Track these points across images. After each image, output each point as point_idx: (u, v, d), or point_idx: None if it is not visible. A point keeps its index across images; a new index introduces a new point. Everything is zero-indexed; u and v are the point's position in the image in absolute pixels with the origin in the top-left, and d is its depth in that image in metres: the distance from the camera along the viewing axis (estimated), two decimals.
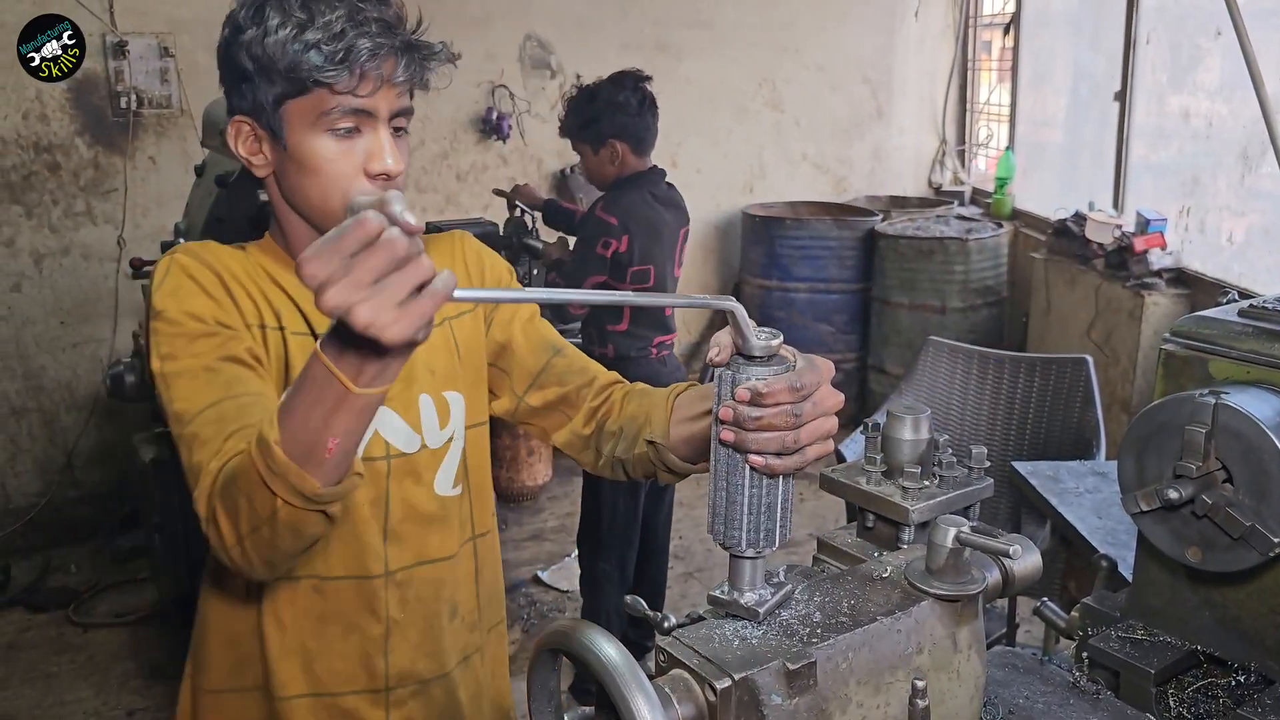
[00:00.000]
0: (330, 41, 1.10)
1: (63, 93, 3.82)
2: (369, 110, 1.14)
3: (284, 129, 1.15)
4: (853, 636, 0.82)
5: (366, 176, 1.16)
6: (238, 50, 1.14)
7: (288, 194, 1.21)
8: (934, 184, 5.85)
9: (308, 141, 1.15)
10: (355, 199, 0.76)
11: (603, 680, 0.72)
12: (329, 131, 1.14)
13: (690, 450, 1.21)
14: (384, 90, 1.14)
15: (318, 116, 1.13)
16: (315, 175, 1.16)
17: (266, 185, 1.24)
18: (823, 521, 4.01)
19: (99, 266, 3.99)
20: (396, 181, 1.18)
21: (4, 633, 3.47)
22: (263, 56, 1.11)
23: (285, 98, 1.13)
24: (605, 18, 4.89)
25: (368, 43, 1.11)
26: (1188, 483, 1.01)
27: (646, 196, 3.00)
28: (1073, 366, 2.98)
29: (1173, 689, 1.11)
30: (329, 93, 1.12)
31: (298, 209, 1.21)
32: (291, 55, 1.10)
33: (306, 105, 1.13)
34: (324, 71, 1.10)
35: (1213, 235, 4.00)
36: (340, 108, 1.13)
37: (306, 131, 1.14)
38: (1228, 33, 3.41)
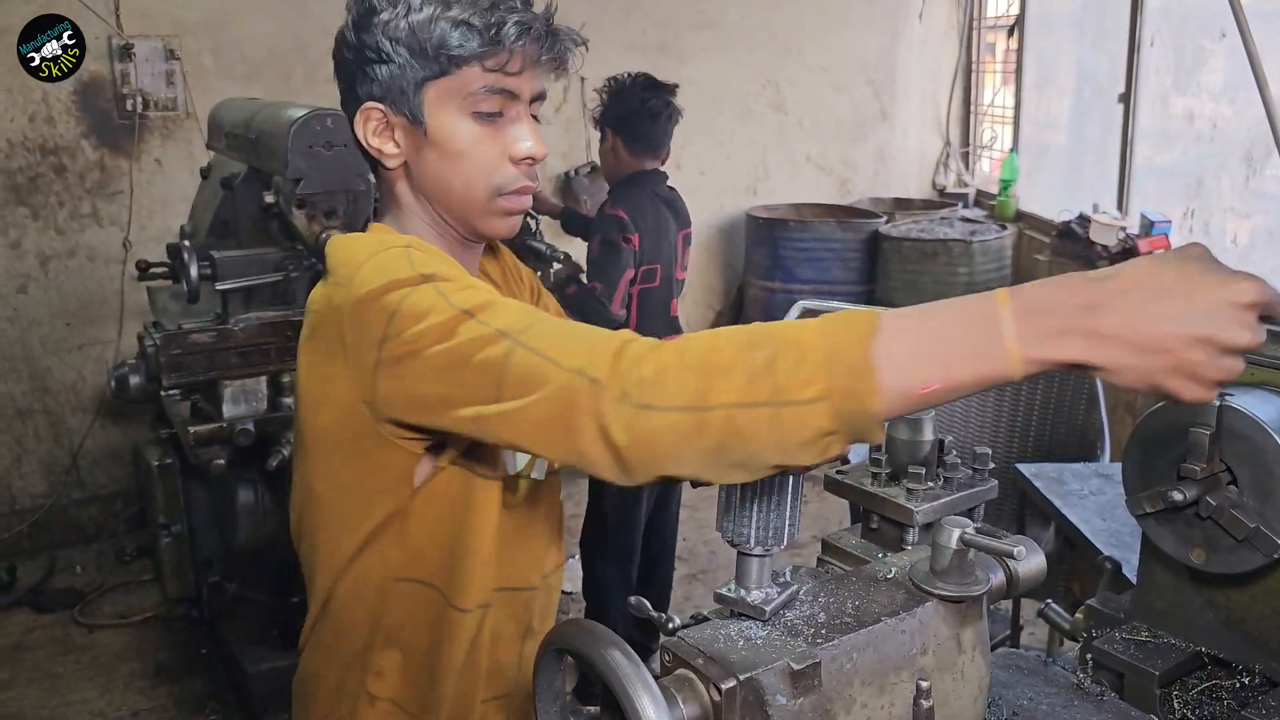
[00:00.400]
0: (480, 16, 1.06)
1: (69, 95, 3.83)
2: (514, 91, 1.11)
3: (424, 112, 1.10)
4: (857, 637, 0.83)
5: (511, 161, 1.13)
6: (372, 33, 1.09)
7: (425, 184, 1.15)
8: (938, 186, 5.85)
9: (450, 124, 1.10)
10: None
11: (608, 680, 0.73)
12: (473, 115, 1.10)
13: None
14: (529, 70, 1.11)
15: (463, 98, 1.09)
16: (459, 160, 1.11)
17: (390, 179, 1.17)
18: (826, 523, 4.01)
19: (105, 268, 4.00)
20: (536, 169, 1.16)
21: (9, 633, 3.48)
22: (405, 36, 1.07)
23: (428, 79, 1.09)
24: (609, 20, 4.89)
25: (518, 18, 1.08)
26: (1192, 485, 1.01)
27: (650, 194, 3.03)
28: None
29: (1177, 691, 1.11)
30: (479, 70, 1.08)
31: (436, 200, 1.15)
32: (439, 32, 1.06)
33: (451, 85, 1.09)
34: (474, 48, 1.06)
35: (1217, 237, 3.99)
36: (487, 87, 1.09)
37: (449, 114, 1.10)
38: (1232, 34, 3.41)
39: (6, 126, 3.77)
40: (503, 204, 1.14)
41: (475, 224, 1.16)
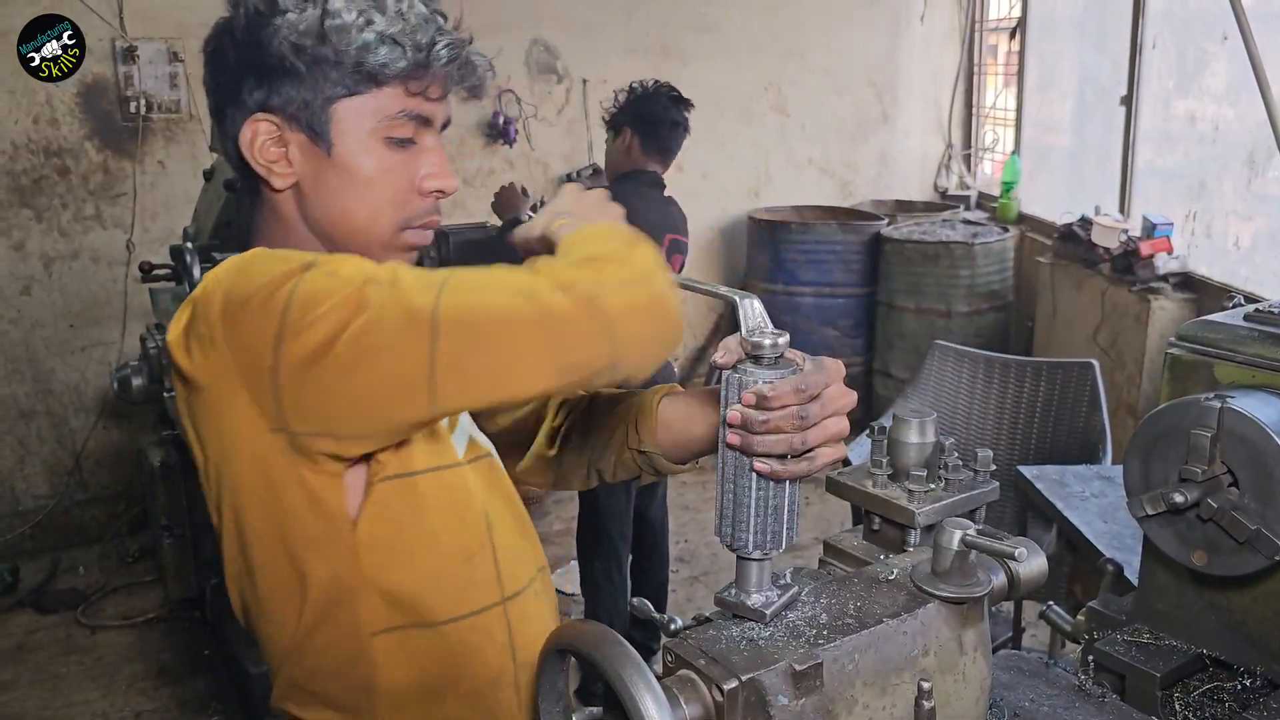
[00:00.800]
0: (410, 34, 0.97)
1: (72, 97, 3.84)
2: (429, 117, 1.02)
3: (330, 131, 0.99)
4: (859, 638, 0.83)
5: (419, 195, 1.03)
6: (269, 35, 0.96)
7: (320, 210, 1.02)
8: (940, 188, 5.85)
9: (360, 148, 1.00)
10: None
11: (611, 681, 0.73)
12: (385, 140, 1.00)
13: (683, 453, 1.16)
14: (446, 98, 1.04)
15: (377, 120, 0.99)
16: (366, 188, 1.00)
17: (275, 202, 1.04)
18: (828, 525, 4.01)
19: (108, 270, 4.00)
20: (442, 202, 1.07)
21: (12, 634, 3.48)
22: (315, 45, 0.96)
23: (341, 95, 0.98)
24: (611, 22, 4.90)
25: (447, 40, 0.99)
26: (1193, 487, 1.01)
27: (641, 193, 3.08)
28: (1079, 371, 2.98)
29: (1178, 693, 1.11)
30: (401, 92, 0.98)
31: (325, 226, 1.03)
32: (360, 46, 0.95)
33: (366, 105, 0.98)
34: (400, 68, 0.97)
35: (1219, 239, 3.99)
36: (405, 112, 0.99)
37: (360, 136, 0.99)
38: (1234, 37, 3.41)
39: (10, 129, 3.78)
40: (408, 238, 1.04)
41: (374, 256, 1.00)
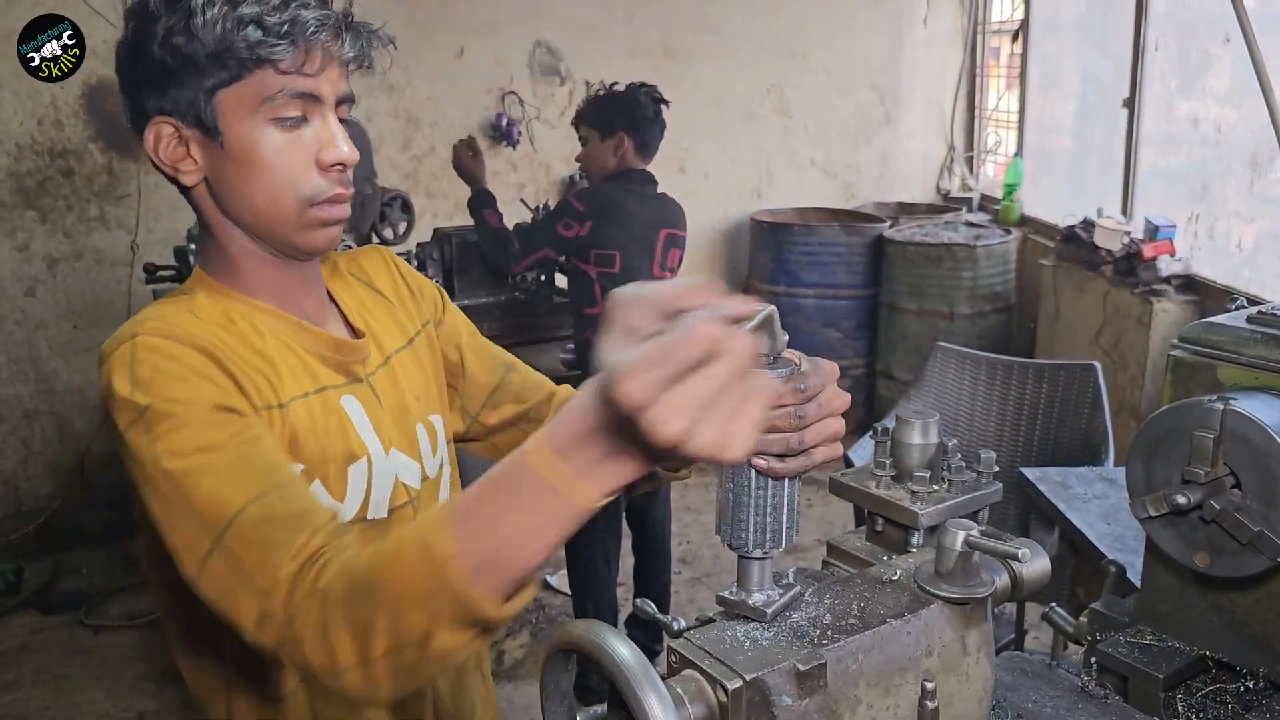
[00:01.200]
0: (272, 13, 0.98)
1: (77, 99, 3.85)
2: (315, 94, 1.03)
3: (218, 123, 1.01)
4: (863, 638, 0.83)
5: (319, 169, 1.04)
6: (151, 42, 1.00)
7: (226, 201, 1.06)
8: (942, 190, 5.85)
9: (250, 133, 1.02)
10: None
11: (616, 680, 0.73)
12: (273, 121, 1.02)
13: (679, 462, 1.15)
14: (330, 69, 1.03)
15: (259, 104, 1.01)
16: (261, 172, 1.03)
17: (195, 201, 1.08)
18: (830, 527, 4.02)
19: (112, 271, 4.01)
20: (349, 173, 1.07)
21: (16, 635, 3.49)
22: (187, 43, 0.98)
23: (219, 86, 1.00)
24: (614, 24, 4.91)
25: (313, 14, 0.99)
26: (1196, 488, 1.01)
27: (624, 190, 3.08)
28: (1081, 372, 2.98)
29: (1181, 694, 1.11)
30: (273, 73, 1.00)
31: (239, 217, 1.07)
32: (226, 34, 0.98)
33: (246, 91, 1.00)
34: (266, 47, 0.98)
35: (1222, 241, 3.99)
36: (286, 90, 1.01)
37: (247, 122, 1.01)
38: (1237, 39, 3.41)
39: (15, 130, 3.79)
40: (315, 214, 1.06)
41: (291, 239, 1.07)
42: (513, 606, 0.78)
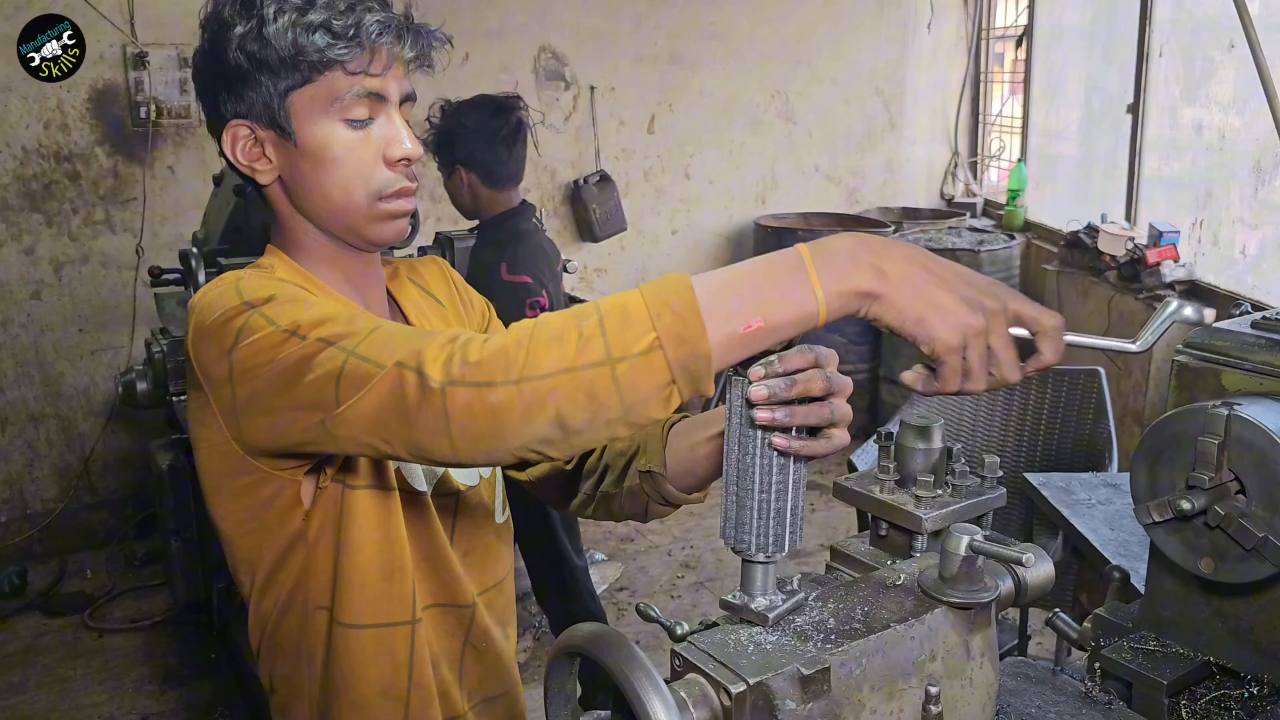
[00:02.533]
0: (339, 17, 1.03)
1: (83, 102, 3.87)
2: (381, 93, 1.08)
3: (292, 123, 1.07)
4: (866, 643, 0.83)
5: (386, 164, 1.10)
6: (227, 49, 1.06)
7: (301, 198, 1.12)
8: (946, 196, 5.85)
9: (321, 132, 1.07)
10: None
11: (620, 683, 0.74)
12: (343, 121, 1.07)
13: (690, 480, 1.19)
14: (395, 69, 1.08)
15: (330, 104, 1.06)
16: (334, 167, 1.08)
17: (270, 197, 1.15)
18: (834, 532, 4.01)
19: (117, 275, 4.02)
20: (414, 168, 1.13)
21: (20, 637, 3.50)
22: (261, 50, 1.04)
23: (292, 88, 1.06)
24: (620, 30, 4.92)
25: (377, 16, 1.05)
26: (1200, 494, 1.01)
27: (535, 236, 2.74)
28: (1085, 378, 2.98)
29: (1185, 700, 1.11)
30: (342, 74, 1.05)
31: (313, 213, 1.13)
32: (297, 40, 1.03)
33: (317, 93, 1.06)
34: (335, 50, 1.03)
35: (1225, 248, 3.99)
36: (354, 91, 1.06)
37: (319, 122, 1.07)
38: (1241, 45, 3.41)
39: (22, 133, 3.80)
40: (384, 208, 1.11)
41: (361, 231, 1.13)
42: (707, 384, 0.80)
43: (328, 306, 0.99)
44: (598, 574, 3.82)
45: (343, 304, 1.08)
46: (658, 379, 0.79)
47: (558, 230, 4.94)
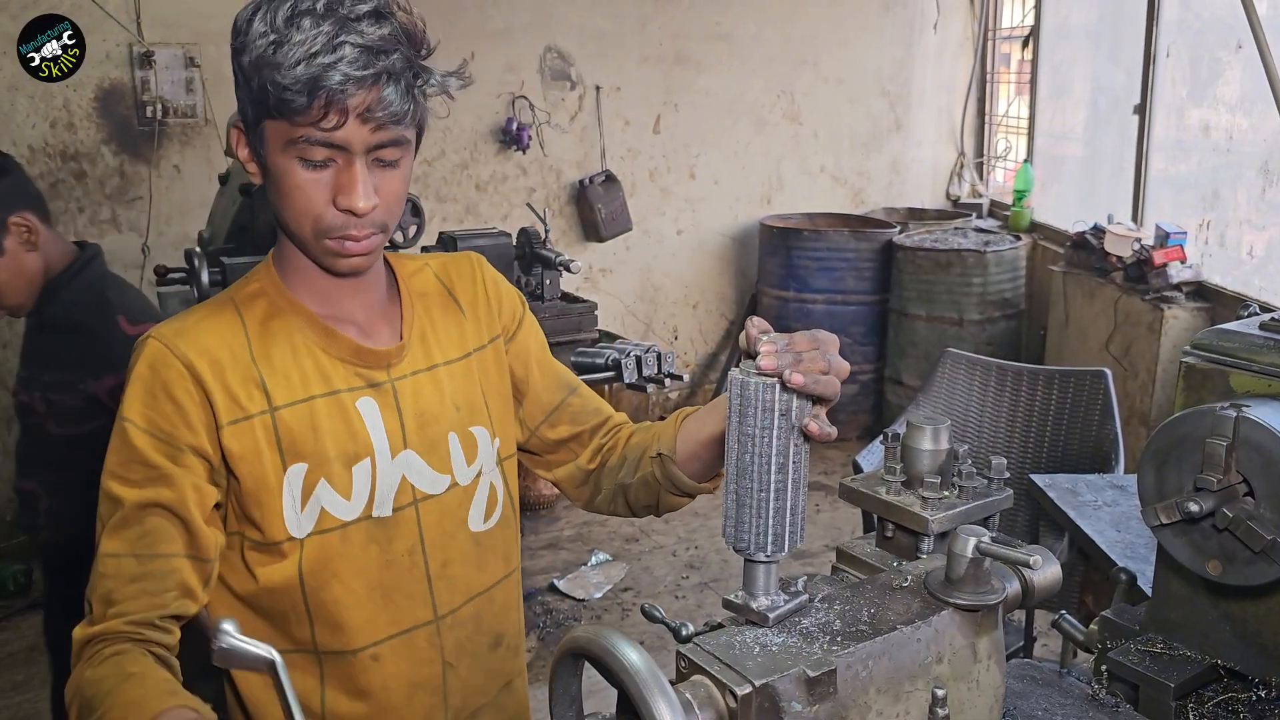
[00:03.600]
0: (294, 66, 1.01)
1: (89, 102, 3.88)
2: (339, 144, 1.06)
3: (262, 147, 1.09)
4: (873, 645, 0.83)
5: (334, 210, 1.09)
6: (233, 54, 1.08)
7: (272, 207, 1.16)
8: (952, 196, 5.85)
9: (281, 164, 1.08)
10: None
11: (625, 684, 0.73)
12: (299, 160, 1.07)
13: (699, 466, 1.24)
14: (354, 123, 1.04)
15: (286, 142, 1.06)
16: (288, 198, 1.09)
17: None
18: (838, 533, 4.01)
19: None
20: (371, 217, 1.10)
21: (25, 636, 3.50)
22: (247, 69, 1.05)
23: (262, 117, 1.07)
24: (625, 30, 4.92)
25: (338, 75, 1.01)
26: (1208, 496, 1.01)
27: (114, 287, 2.11)
28: (1091, 379, 2.97)
29: (1192, 703, 1.11)
30: (289, 126, 1.04)
31: (278, 224, 1.17)
32: (262, 76, 1.03)
33: (278, 128, 1.06)
34: (286, 99, 1.02)
35: (1233, 249, 3.98)
36: (307, 139, 1.05)
37: (280, 154, 1.07)
38: (1248, 46, 3.40)
39: (28, 133, 3.81)
40: (330, 245, 1.12)
41: (314, 258, 1.15)
42: None
43: (136, 496, 1.10)
44: (602, 574, 3.82)
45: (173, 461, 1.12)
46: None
47: (563, 230, 4.95)
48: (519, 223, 3.67)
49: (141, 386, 1.11)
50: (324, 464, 1.14)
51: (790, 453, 0.85)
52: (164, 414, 1.10)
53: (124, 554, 1.08)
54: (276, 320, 1.17)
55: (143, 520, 1.09)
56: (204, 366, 1.11)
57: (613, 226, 4.94)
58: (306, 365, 1.16)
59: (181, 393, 1.10)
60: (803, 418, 0.86)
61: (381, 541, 1.18)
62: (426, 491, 1.22)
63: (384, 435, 1.18)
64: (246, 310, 1.17)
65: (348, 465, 1.16)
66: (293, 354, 1.16)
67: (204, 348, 1.12)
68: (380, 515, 1.18)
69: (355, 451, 1.16)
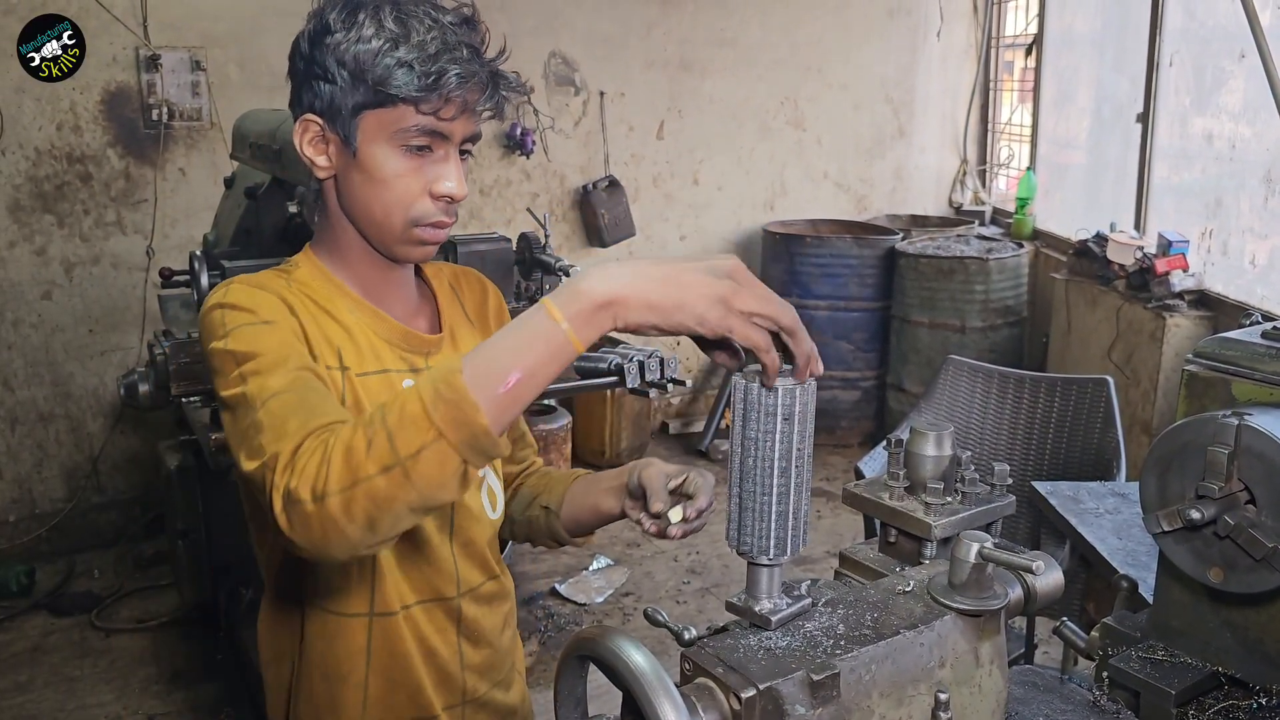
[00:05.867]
0: (424, 63, 1.09)
1: (95, 104, 3.89)
2: (445, 133, 1.13)
3: (356, 136, 1.13)
4: (876, 649, 0.83)
5: (430, 197, 1.15)
6: (323, 50, 1.12)
7: (347, 201, 1.19)
8: (955, 203, 5.85)
9: (379, 153, 1.13)
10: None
11: (630, 686, 0.74)
12: (402, 146, 1.13)
13: (576, 528, 1.38)
14: (464, 116, 1.14)
15: (394, 131, 1.12)
16: (381, 187, 1.14)
17: (323, 189, 1.22)
18: (840, 538, 4.01)
19: (128, 276, 4.04)
20: (456, 205, 1.18)
21: (28, 636, 3.51)
22: (350, 62, 1.10)
23: (364, 107, 1.12)
24: (630, 36, 4.93)
25: (458, 69, 1.10)
26: (1210, 503, 1.01)
27: None
28: (1093, 387, 2.97)
29: (1193, 711, 1.11)
30: (413, 111, 1.11)
31: (355, 218, 1.19)
32: (382, 68, 1.09)
33: (386, 118, 1.12)
34: (412, 90, 1.09)
35: (1235, 258, 3.98)
36: (419, 127, 1.12)
37: (379, 143, 1.13)
38: (1251, 55, 3.41)
39: (34, 135, 3.82)
40: (418, 234, 1.18)
41: (391, 248, 1.20)
42: (497, 443, 0.88)
43: (263, 341, 1.07)
44: (604, 578, 3.82)
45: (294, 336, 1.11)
46: (447, 465, 0.87)
47: (566, 235, 4.96)
48: (522, 228, 3.68)
49: (238, 306, 1.10)
50: None
51: (793, 456, 0.86)
52: (269, 305, 1.11)
53: (286, 390, 1.02)
54: (328, 300, 1.21)
55: (293, 380, 1.04)
56: (295, 301, 1.15)
57: (616, 232, 4.94)
58: (362, 341, 1.21)
59: (280, 311, 1.12)
60: (806, 423, 0.87)
61: None
62: None
63: None
64: (301, 286, 1.21)
65: None
66: (348, 330, 1.20)
67: (284, 295, 1.15)
68: None
69: None
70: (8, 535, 4.01)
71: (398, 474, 0.87)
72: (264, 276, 1.19)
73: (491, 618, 1.33)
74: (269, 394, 1.01)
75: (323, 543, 0.91)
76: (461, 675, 1.30)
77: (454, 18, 1.13)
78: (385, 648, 1.23)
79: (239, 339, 1.07)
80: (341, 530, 0.89)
